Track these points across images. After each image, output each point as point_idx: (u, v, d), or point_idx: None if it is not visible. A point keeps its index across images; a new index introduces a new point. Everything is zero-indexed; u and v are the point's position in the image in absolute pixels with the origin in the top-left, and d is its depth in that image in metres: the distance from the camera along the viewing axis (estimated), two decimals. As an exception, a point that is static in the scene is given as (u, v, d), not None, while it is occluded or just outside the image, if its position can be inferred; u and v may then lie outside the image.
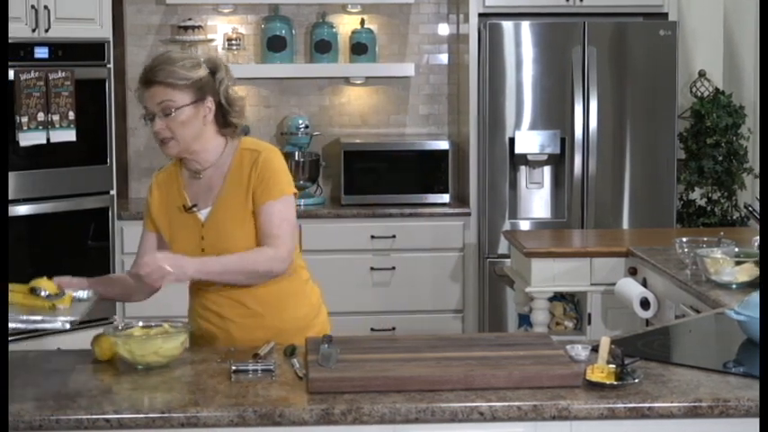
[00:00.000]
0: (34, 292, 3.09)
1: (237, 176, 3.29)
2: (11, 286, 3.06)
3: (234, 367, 2.89)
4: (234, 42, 6.55)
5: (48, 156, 5.63)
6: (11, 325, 2.90)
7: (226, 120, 3.31)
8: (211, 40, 6.58)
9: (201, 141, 3.29)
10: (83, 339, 3.22)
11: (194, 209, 3.32)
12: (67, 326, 2.99)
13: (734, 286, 3.96)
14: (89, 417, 2.61)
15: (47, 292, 3.08)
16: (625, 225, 6.17)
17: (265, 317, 3.31)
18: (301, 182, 6.28)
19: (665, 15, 6.25)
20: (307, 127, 6.52)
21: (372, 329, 6.13)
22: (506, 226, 6.10)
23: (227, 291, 3.30)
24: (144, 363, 2.93)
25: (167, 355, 2.95)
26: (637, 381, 2.77)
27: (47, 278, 3.13)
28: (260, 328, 3.29)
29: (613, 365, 2.80)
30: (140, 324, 3.07)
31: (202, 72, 3.25)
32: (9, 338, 2.92)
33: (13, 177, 5.52)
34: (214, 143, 3.32)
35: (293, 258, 3.29)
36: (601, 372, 2.78)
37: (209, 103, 3.27)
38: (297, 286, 3.39)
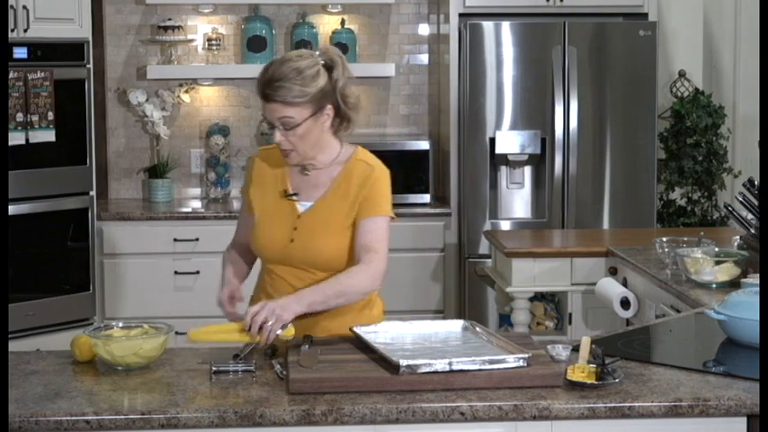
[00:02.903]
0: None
1: (345, 185, 3.27)
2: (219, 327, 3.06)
3: (214, 368, 2.88)
4: (214, 42, 6.54)
5: (27, 156, 5.58)
6: None
7: (341, 119, 3.29)
8: (191, 41, 6.56)
9: (319, 147, 3.27)
10: (62, 341, 3.20)
11: (294, 197, 3.29)
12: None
13: (714, 286, 3.97)
14: (69, 418, 2.61)
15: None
16: (605, 225, 6.17)
17: (333, 321, 3.30)
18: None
19: (645, 16, 6.26)
20: (287, 127, 6.51)
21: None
22: (487, 226, 6.09)
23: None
24: (124, 364, 2.92)
25: (147, 356, 2.94)
26: (617, 380, 2.78)
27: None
28: (317, 328, 3.24)
29: (594, 365, 2.80)
30: (120, 325, 3.06)
31: (322, 81, 3.17)
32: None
33: (-9, 178, 5.49)
34: (330, 147, 3.31)
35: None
36: (581, 371, 2.78)
37: (328, 110, 3.23)
38: (368, 299, 3.41)
